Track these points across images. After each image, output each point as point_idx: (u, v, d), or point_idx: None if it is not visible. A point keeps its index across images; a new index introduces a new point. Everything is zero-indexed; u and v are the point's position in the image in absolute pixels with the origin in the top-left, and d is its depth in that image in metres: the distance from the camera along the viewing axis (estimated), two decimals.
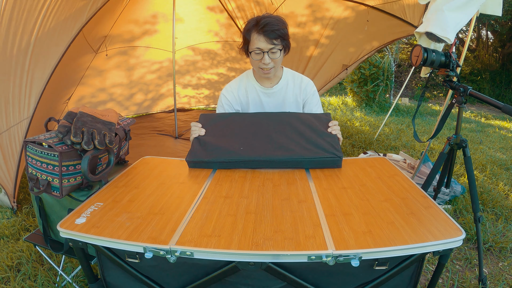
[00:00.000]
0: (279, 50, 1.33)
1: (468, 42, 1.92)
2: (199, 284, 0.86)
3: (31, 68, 1.90)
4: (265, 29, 1.28)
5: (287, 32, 1.35)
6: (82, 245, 0.87)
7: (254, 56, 1.34)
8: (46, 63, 1.96)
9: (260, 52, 1.32)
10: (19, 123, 1.91)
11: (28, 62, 1.89)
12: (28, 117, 1.93)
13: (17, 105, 1.90)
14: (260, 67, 1.36)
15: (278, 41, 1.31)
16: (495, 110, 6.70)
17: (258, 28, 1.30)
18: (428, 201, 0.97)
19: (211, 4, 3.57)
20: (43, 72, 1.95)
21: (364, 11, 2.99)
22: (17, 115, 1.90)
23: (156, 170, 1.25)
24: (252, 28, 1.32)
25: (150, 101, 4.34)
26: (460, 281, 1.60)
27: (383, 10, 2.91)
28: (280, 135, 1.29)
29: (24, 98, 1.91)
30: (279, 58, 1.36)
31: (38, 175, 1.06)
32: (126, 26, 3.40)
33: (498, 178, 2.88)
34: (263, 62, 1.33)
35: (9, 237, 1.87)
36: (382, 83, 5.82)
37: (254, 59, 1.35)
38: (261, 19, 1.30)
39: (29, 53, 1.87)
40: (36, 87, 1.94)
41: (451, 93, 1.87)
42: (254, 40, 1.32)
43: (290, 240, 0.79)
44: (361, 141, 3.77)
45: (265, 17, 1.31)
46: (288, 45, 1.39)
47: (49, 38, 1.93)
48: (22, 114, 1.91)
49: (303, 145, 1.25)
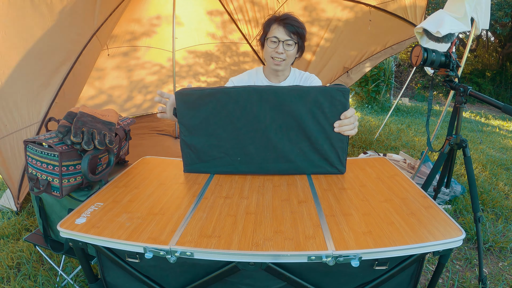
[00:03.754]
0: (295, 43, 1.37)
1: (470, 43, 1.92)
2: (199, 284, 0.86)
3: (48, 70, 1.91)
4: (286, 21, 1.35)
5: (305, 34, 1.40)
6: (82, 245, 0.87)
7: (270, 44, 1.38)
8: (61, 66, 1.97)
9: (276, 41, 1.36)
10: (29, 127, 1.90)
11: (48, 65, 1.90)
12: (38, 121, 1.92)
13: (32, 108, 1.90)
14: (272, 56, 1.39)
15: (295, 36, 1.36)
16: (495, 110, 6.70)
17: (279, 19, 1.37)
18: (428, 201, 0.97)
19: (211, 5, 3.56)
20: (58, 75, 1.96)
21: (365, 11, 2.97)
22: (26, 119, 1.90)
23: (156, 170, 1.25)
24: (273, 19, 1.39)
25: (150, 102, 4.33)
26: (460, 281, 1.60)
27: (384, 9, 2.90)
28: (281, 137, 1.12)
29: (36, 101, 1.91)
30: (292, 53, 1.39)
31: (38, 175, 1.06)
32: (127, 26, 3.39)
33: (498, 178, 2.88)
34: (276, 51, 1.36)
35: (9, 237, 1.87)
36: (383, 84, 5.83)
37: (269, 46, 1.39)
38: (284, 14, 1.38)
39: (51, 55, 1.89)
40: (50, 91, 1.94)
41: (452, 94, 1.88)
42: (272, 30, 1.37)
43: (290, 241, 0.79)
44: (361, 141, 3.77)
45: (287, 14, 1.39)
46: (302, 47, 1.44)
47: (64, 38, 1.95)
48: (31, 118, 1.91)
49: (306, 153, 1.14)
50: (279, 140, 1.13)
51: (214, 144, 1.15)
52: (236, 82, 1.53)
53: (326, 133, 1.11)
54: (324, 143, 1.13)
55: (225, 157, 1.17)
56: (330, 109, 1.08)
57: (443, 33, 1.51)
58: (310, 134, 1.11)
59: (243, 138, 1.14)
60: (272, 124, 1.11)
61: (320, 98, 1.07)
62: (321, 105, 1.08)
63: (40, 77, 1.90)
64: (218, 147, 1.16)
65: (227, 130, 1.13)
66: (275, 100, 1.08)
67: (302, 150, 1.14)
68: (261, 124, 1.11)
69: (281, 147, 1.14)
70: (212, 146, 1.16)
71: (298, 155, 1.15)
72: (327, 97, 1.07)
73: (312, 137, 1.12)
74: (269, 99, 1.08)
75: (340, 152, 1.15)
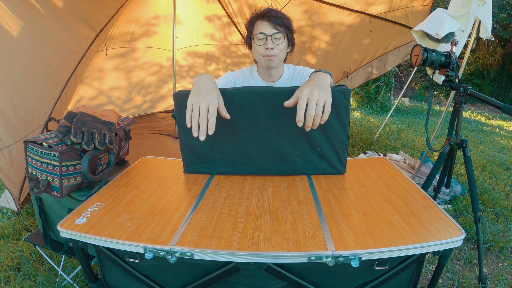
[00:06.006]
0: (283, 36, 1.30)
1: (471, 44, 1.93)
2: (199, 284, 0.86)
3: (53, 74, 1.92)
4: (269, 15, 1.28)
5: (292, 26, 1.34)
6: (82, 245, 0.87)
7: (257, 42, 1.30)
8: (65, 68, 1.98)
9: (263, 37, 1.27)
10: (34, 131, 1.91)
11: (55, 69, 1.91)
12: (40, 125, 1.92)
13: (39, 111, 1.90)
14: (263, 55, 1.31)
15: (282, 28, 1.29)
16: (495, 110, 6.70)
17: (261, 15, 1.30)
18: (428, 201, 0.97)
19: (211, 7, 3.56)
20: (62, 78, 1.97)
21: (366, 19, 2.94)
22: (33, 125, 1.90)
23: (156, 170, 1.25)
24: (255, 17, 1.32)
25: (150, 102, 4.33)
26: (460, 281, 1.60)
27: (385, 18, 2.88)
28: (281, 138, 1.13)
29: (45, 105, 1.92)
30: (283, 46, 1.31)
31: (38, 175, 1.06)
32: (126, 27, 3.39)
33: (498, 178, 2.88)
34: (266, 47, 1.28)
35: (9, 237, 1.87)
36: (384, 84, 5.83)
37: (258, 44, 1.31)
38: (265, 9, 1.32)
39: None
40: (54, 93, 1.95)
41: (453, 94, 1.88)
42: (257, 27, 1.30)
43: (290, 241, 0.79)
44: (361, 141, 3.77)
45: (269, 8, 1.33)
46: (292, 40, 1.37)
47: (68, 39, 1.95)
48: (37, 122, 1.91)
49: (306, 153, 1.14)
50: (279, 141, 1.13)
51: (214, 145, 1.15)
52: (231, 77, 1.45)
53: (326, 133, 1.11)
54: (324, 143, 1.13)
55: (225, 158, 1.17)
56: (331, 110, 1.06)
57: (442, 34, 1.51)
58: (310, 135, 1.11)
59: (243, 139, 1.14)
60: (272, 125, 1.11)
61: None
62: None
63: (47, 81, 1.90)
64: (217, 148, 1.16)
65: (226, 131, 1.13)
66: (275, 101, 1.08)
67: (302, 151, 1.14)
68: (261, 125, 1.11)
69: (281, 148, 1.14)
70: (212, 147, 1.16)
71: (298, 156, 1.15)
72: None
73: (312, 138, 1.12)
74: (269, 100, 1.08)
75: (340, 153, 1.15)
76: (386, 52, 3.17)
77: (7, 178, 1.85)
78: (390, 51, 3.15)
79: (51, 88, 1.92)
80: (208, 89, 0.97)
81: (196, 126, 0.92)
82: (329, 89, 0.95)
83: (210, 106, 0.93)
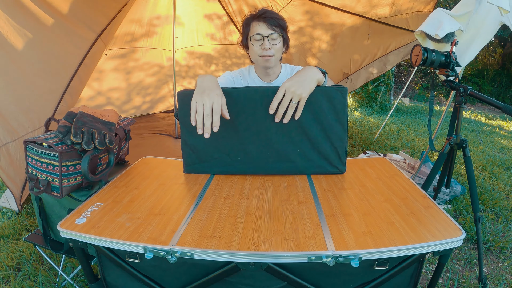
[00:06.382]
0: (279, 36, 1.32)
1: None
2: (199, 284, 0.86)
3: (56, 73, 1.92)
4: (265, 16, 1.30)
5: (286, 27, 1.36)
6: (82, 245, 0.87)
7: (254, 43, 1.32)
8: (68, 68, 1.97)
9: (260, 38, 1.30)
10: (34, 131, 1.91)
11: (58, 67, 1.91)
12: (41, 126, 1.92)
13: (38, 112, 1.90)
14: (260, 55, 1.33)
15: (278, 29, 1.31)
16: (495, 110, 6.70)
17: (257, 16, 1.31)
18: (428, 201, 0.97)
19: (211, 7, 3.56)
20: (64, 78, 1.96)
21: (367, 22, 2.94)
22: (31, 124, 1.90)
23: (156, 170, 1.25)
24: (251, 18, 1.34)
25: (149, 103, 4.33)
26: (460, 281, 1.60)
27: (386, 23, 2.87)
28: (282, 137, 1.14)
29: (44, 106, 1.91)
30: (279, 46, 1.33)
31: (38, 175, 1.06)
32: (127, 27, 3.39)
33: (498, 178, 2.88)
34: (263, 47, 1.30)
35: (9, 237, 1.87)
36: (383, 84, 5.83)
37: (254, 45, 1.32)
38: (260, 10, 1.33)
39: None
40: (56, 94, 1.95)
41: (453, 94, 1.87)
42: (253, 28, 1.31)
43: (290, 241, 0.79)
44: (361, 141, 3.77)
45: (264, 9, 1.34)
46: (287, 40, 1.39)
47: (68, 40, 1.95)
48: (38, 122, 1.91)
49: (306, 153, 1.15)
50: (280, 140, 1.14)
51: (215, 144, 1.16)
52: (231, 77, 1.47)
53: (326, 132, 1.13)
54: (324, 142, 1.14)
55: (225, 157, 1.17)
56: (330, 109, 1.11)
57: (441, 35, 1.51)
58: (310, 134, 1.13)
59: (243, 138, 1.15)
60: (272, 124, 1.12)
61: (320, 98, 1.09)
62: (320, 105, 1.10)
63: (48, 81, 1.90)
64: (218, 147, 1.16)
65: (227, 130, 1.14)
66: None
67: (303, 150, 1.15)
68: (262, 124, 1.12)
69: (281, 147, 1.15)
70: (213, 146, 1.17)
71: (298, 155, 1.16)
72: (326, 97, 1.10)
73: (312, 136, 1.13)
74: (270, 99, 1.08)
75: (340, 151, 1.16)
76: (386, 53, 3.17)
77: (8, 177, 1.86)
78: (391, 52, 3.15)
79: (50, 89, 1.91)
80: (212, 88, 1.00)
81: (200, 124, 0.96)
82: (309, 85, 1.03)
83: (214, 104, 0.97)
